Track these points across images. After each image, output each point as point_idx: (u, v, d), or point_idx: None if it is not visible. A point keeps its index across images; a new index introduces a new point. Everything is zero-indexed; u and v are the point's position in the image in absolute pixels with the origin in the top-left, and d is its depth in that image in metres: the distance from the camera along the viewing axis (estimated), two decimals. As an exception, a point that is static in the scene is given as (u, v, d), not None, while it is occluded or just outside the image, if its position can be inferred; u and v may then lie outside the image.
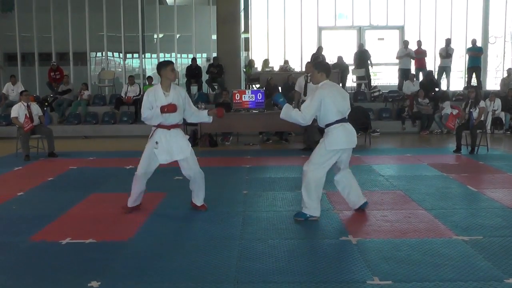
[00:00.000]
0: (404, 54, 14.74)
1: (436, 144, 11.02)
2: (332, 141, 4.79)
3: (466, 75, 15.40)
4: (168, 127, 5.12)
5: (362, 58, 14.94)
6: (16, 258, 4.10)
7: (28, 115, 9.02)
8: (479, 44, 15.41)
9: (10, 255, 4.18)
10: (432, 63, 15.99)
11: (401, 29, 17.16)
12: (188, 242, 4.40)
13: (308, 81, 9.45)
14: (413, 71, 14.71)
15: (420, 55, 14.89)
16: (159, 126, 5.14)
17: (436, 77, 14.82)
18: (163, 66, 5.14)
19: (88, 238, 4.50)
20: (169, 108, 4.98)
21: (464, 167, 8.12)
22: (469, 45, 15.26)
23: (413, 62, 14.93)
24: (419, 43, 15.08)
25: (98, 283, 3.51)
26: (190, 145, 5.25)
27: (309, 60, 15.10)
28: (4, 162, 8.88)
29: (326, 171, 4.91)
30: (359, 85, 15.14)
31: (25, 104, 9.15)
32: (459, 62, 16.94)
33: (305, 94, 9.49)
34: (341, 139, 4.79)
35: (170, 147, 5.11)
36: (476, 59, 14.83)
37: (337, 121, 4.80)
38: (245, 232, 4.67)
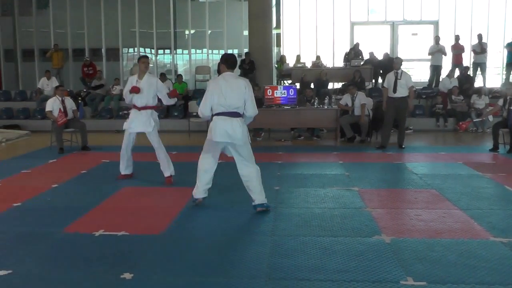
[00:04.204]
0: (436, 50, 14.37)
1: (471, 142, 10.72)
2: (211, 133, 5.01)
3: (505, 71, 14.92)
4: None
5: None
6: (50, 249, 4.18)
7: (62, 109, 9.20)
8: (518, 38, 14.90)
9: (45, 245, 4.26)
10: (468, 59, 15.57)
11: (436, 24, 16.76)
12: (219, 237, 4.40)
13: (399, 77, 9.22)
14: (449, 67, 14.33)
15: (458, 51, 14.47)
16: None
17: (471, 73, 14.42)
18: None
19: (120, 230, 4.55)
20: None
21: (502, 166, 7.87)
22: (508, 40, 14.78)
23: (450, 58, 14.52)
24: (457, 37, 14.64)
25: (131, 275, 3.54)
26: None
27: (346, 55, 14.98)
28: (39, 155, 9.07)
29: (214, 159, 5.14)
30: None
31: (60, 98, 9.32)
32: (497, 58, 16.45)
33: (394, 91, 9.22)
34: (214, 132, 4.93)
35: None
36: (516, 54, 14.32)
37: (218, 114, 4.93)
38: (277, 228, 4.64)
